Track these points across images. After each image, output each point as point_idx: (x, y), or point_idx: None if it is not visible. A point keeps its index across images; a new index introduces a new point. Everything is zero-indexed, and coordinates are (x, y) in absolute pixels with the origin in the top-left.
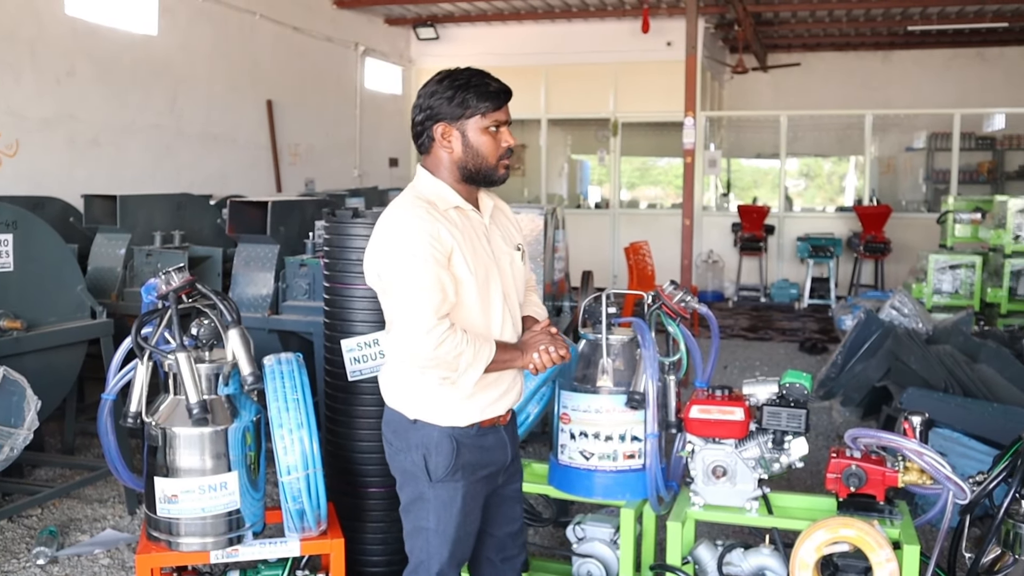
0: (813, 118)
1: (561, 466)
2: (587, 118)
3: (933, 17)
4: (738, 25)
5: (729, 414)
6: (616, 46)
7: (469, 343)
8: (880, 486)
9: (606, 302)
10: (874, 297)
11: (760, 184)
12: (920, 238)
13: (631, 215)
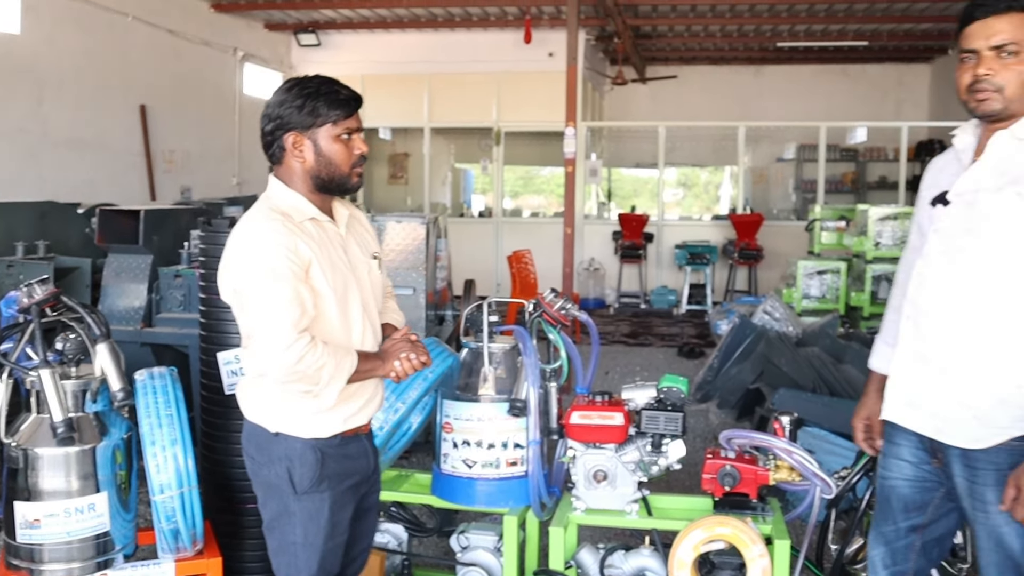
0: (690, 129)
1: (444, 475)
2: (470, 127)
3: (801, 35)
4: (618, 38)
5: (609, 419)
6: (499, 56)
7: (330, 356)
8: (753, 485)
9: (487, 310)
10: (748, 302)
11: (640, 193)
12: (790, 245)
13: (514, 224)
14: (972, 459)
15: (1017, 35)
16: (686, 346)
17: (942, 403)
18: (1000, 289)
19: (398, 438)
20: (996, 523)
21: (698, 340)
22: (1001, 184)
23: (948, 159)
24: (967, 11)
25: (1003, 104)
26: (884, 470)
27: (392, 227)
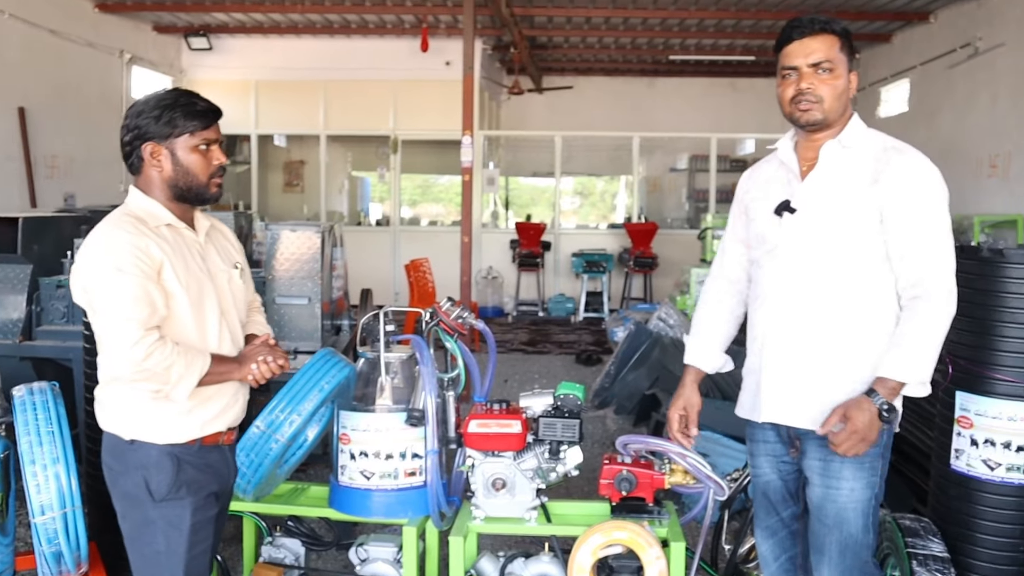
0: (586, 139)
1: (342, 487)
2: (367, 135)
3: (691, 48)
4: (514, 48)
5: (507, 427)
6: (396, 64)
7: (180, 355)
8: (649, 488)
9: (384, 320)
10: (643, 310)
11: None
12: (683, 253)
13: (412, 232)
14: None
15: (831, 54)
16: (583, 353)
17: (803, 392)
18: (851, 284)
19: (294, 451)
20: (846, 501)
21: (595, 347)
22: (843, 188)
23: (773, 169)
24: (786, 32)
25: (823, 114)
26: (755, 469)
27: (287, 236)
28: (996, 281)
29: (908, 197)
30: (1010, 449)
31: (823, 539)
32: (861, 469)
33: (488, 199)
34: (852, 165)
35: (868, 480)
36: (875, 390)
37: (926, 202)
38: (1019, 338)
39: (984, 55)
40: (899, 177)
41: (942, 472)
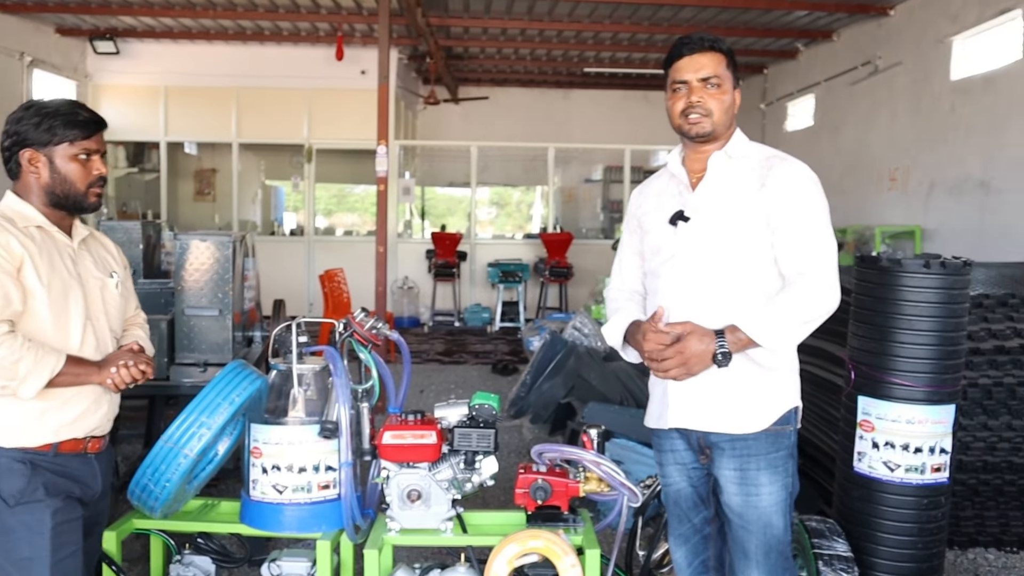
0: (502, 149)
1: (253, 502)
2: (281, 143)
3: (605, 61)
4: (430, 58)
5: (422, 438)
6: (310, 72)
7: (30, 350)
8: (564, 497)
9: (297, 331)
10: (558, 319)
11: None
12: (598, 263)
13: (327, 242)
14: (743, 448)
15: (718, 70)
16: (500, 363)
17: (719, 398)
18: (748, 283)
19: (203, 465)
20: (767, 505)
21: (511, 357)
22: (732, 195)
23: (664, 183)
24: (676, 48)
25: (712, 127)
26: (665, 478)
27: (196, 245)
28: (894, 289)
29: (791, 200)
30: (908, 451)
31: (747, 544)
32: (775, 472)
33: (404, 209)
34: (738, 174)
35: (783, 481)
36: (723, 333)
37: (808, 205)
38: (916, 344)
39: (884, 73)
40: (782, 183)
41: (845, 474)
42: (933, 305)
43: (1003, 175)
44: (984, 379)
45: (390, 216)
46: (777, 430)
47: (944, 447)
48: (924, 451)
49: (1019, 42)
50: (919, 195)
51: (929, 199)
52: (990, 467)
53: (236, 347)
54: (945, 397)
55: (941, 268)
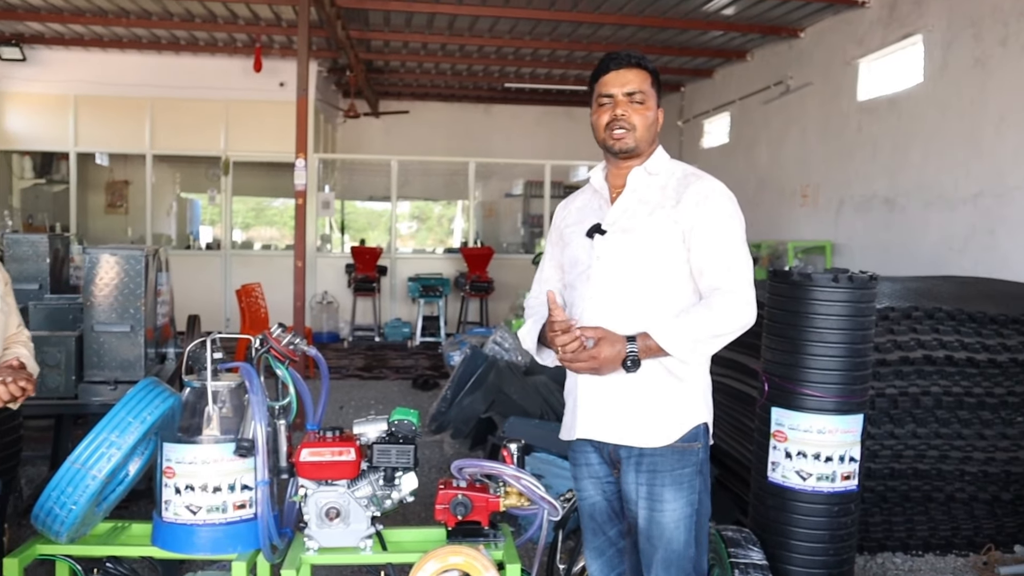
0: (422, 163)
1: (166, 524)
2: (197, 155)
3: (526, 77)
4: (350, 71)
5: (340, 455)
6: (228, 83)
7: None
8: (484, 512)
9: (212, 347)
10: (479, 333)
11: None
12: (519, 277)
13: (244, 256)
14: (650, 463)
15: (643, 86)
16: (420, 378)
17: (628, 411)
18: (662, 297)
19: (113, 487)
20: (670, 521)
21: (432, 372)
22: (649, 210)
23: (586, 197)
24: (603, 63)
25: (635, 142)
26: (580, 491)
27: (106, 260)
28: (805, 303)
29: (706, 217)
30: (820, 460)
31: (650, 557)
32: (680, 489)
33: (323, 223)
34: (657, 190)
35: (688, 498)
36: (635, 339)
37: (723, 222)
38: (826, 356)
39: (795, 92)
40: (697, 199)
41: (760, 484)
42: (842, 318)
43: (907, 193)
44: (891, 389)
45: (309, 230)
46: (684, 447)
47: (853, 455)
48: (834, 460)
49: (920, 65)
50: (829, 211)
51: (839, 215)
52: (897, 474)
53: (148, 364)
54: (854, 407)
55: (849, 282)
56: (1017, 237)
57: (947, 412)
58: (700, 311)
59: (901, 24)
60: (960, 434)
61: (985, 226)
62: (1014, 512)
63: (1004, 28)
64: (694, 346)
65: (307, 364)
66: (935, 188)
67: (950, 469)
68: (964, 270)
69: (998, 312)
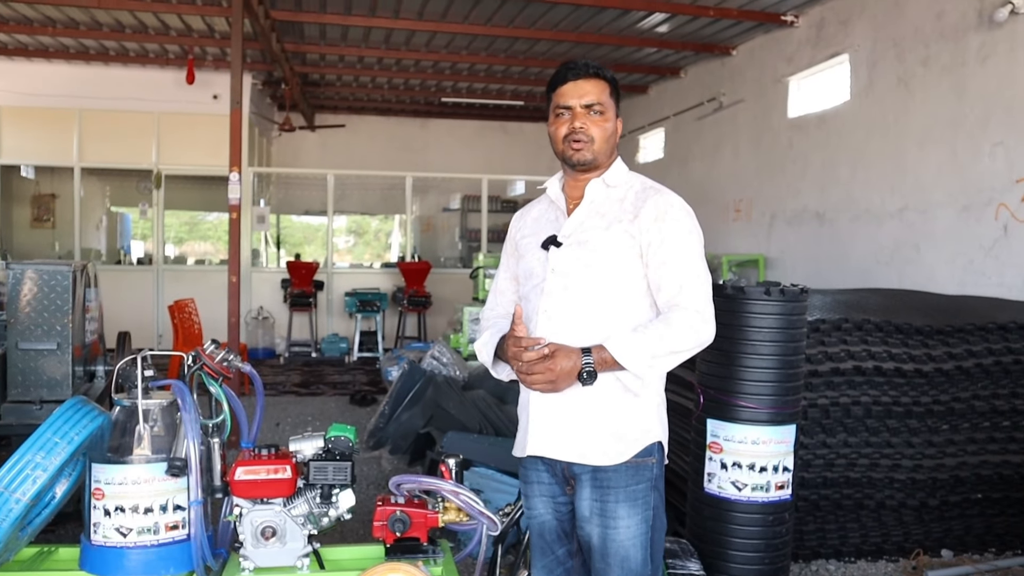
0: (359, 177)
1: (95, 547)
2: (128, 168)
3: (463, 91)
4: (285, 84)
5: (276, 473)
6: (159, 95)
7: None
8: (423, 528)
9: (143, 364)
10: (417, 348)
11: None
12: (457, 292)
13: (177, 271)
14: (603, 480)
15: (602, 97)
16: (358, 394)
17: (582, 428)
18: (618, 312)
19: (39, 510)
20: (624, 538)
21: (370, 387)
22: (606, 223)
23: (542, 209)
24: (561, 73)
25: (593, 155)
26: (530, 510)
27: (31, 275)
28: (738, 316)
29: (665, 233)
30: (754, 470)
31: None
32: (635, 506)
33: (258, 237)
34: (615, 202)
35: (643, 515)
36: (591, 352)
37: (682, 238)
38: (759, 367)
39: (728, 109)
40: (656, 214)
41: (697, 495)
42: (774, 330)
43: (836, 207)
44: (822, 399)
45: (244, 245)
46: (638, 462)
47: (787, 465)
48: (768, 470)
49: (847, 84)
50: (762, 225)
51: (771, 229)
52: (829, 482)
53: (76, 383)
54: (787, 417)
55: (781, 295)
56: (940, 251)
57: (876, 421)
58: (658, 326)
59: (828, 44)
60: (889, 442)
61: (910, 240)
62: (940, 517)
63: (925, 49)
64: (651, 361)
65: (242, 381)
66: (862, 203)
67: (880, 477)
68: (891, 282)
69: (923, 323)
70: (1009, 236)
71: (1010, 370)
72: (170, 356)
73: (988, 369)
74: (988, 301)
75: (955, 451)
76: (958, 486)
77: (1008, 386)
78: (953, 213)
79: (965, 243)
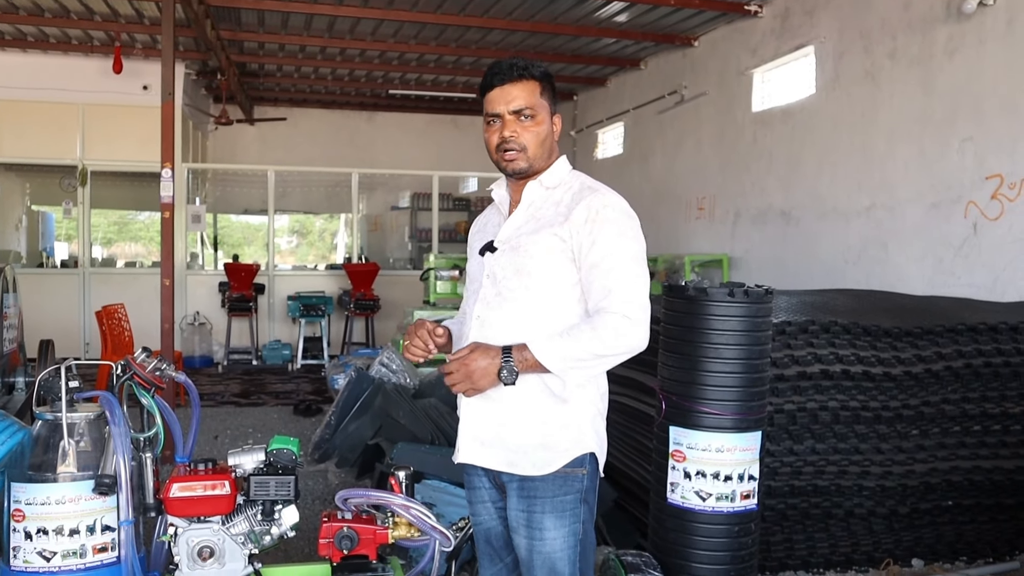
0: (302, 174)
1: (15, 574)
2: (50, 164)
3: (412, 83)
4: (222, 74)
5: (213, 489)
6: (84, 85)
7: None
8: (372, 545)
9: (67, 375)
10: (365, 355)
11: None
12: (407, 294)
13: (105, 275)
14: (530, 489)
15: (531, 100)
16: (302, 403)
17: (510, 436)
18: (549, 318)
19: None
20: (551, 550)
21: (315, 396)
22: (538, 227)
23: (491, 213)
24: (487, 78)
25: (528, 163)
26: (475, 517)
27: None
28: (700, 318)
29: (595, 235)
30: (719, 479)
31: None
32: (562, 517)
33: (194, 238)
34: (551, 205)
35: (571, 527)
36: (512, 350)
37: (612, 240)
38: (723, 372)
39: (690, 102)
40: (588, 215)
41: (659, 506)
42: (738, 333)
43: (801, 205)
44: (789, 405)
45: (178, 246)
46: (567, 472)
47: (752, 474)
48: (734, 479)
49: (812, 77)
50: (726, 224)
51: (735, 228)
52: (797, 491)
53: None
54: (752, 424)
55: (745, 296)
56: (908, 250)
57: (845, 427)
58: (583, 329)
59: (793, 35)
60: (858, 448)
61: (877, 239)
62: (911, 526)
63: (892, 41)
64: (574, 363)
65: (177, 391)
66: (829, 201)
67: (849, 484)
68: (858, 283)
69: (892, 325)
70: (979, 235)
71: (980, 373)
72: (98, 365)
73: (958, 372)
74: (958, 301)
75: (925, 457)
76: (928, 493)
77: (979, 389)
78: (922, 211)
79: (934, 242)
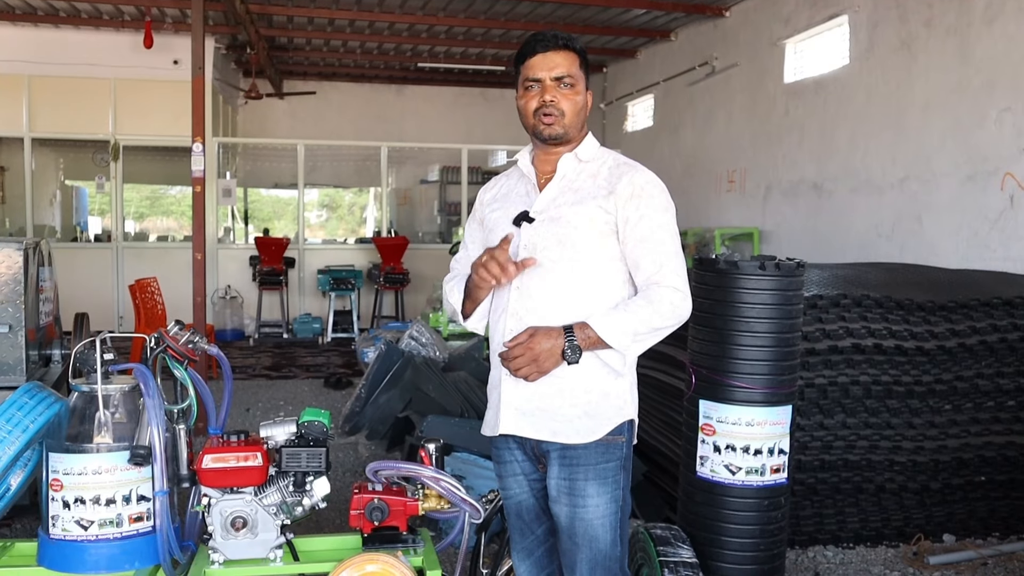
0: (331, 148)
1: (54, 541)
2: (83, 139)
3: (440, 56)
4: (251, 48)
5: (246, 460)
6: (115, 60)
7: None
8: (402, 516)
9: (102, 347)
10: (395, 328)
11: (281, 215)
12: (436, 268)
13: (138, 249)
14: (573, 457)
15: (572, 69)
16: (332, 376)
17: (554, 406)
18: (593, 289)
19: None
20: (593, 517)
21: (345, 369)
22: (579, 199)
23: (512, 182)
24: (529, 45)
25: (564, 129)
26: (505, 490)
27: None
28: (731, 292)
29: (642, 210)
30: (749, 453)
31: (574, 557)
32: (604, 484)
33: (225, 212)
34: (587, 178)
35: (612, 494)
36: (573, 329)
37: (659, 216)
38: (753, 346)
39: (720, 74)
40: (633, 191)
41: (689, 479)
42: (769, 307)
43: (834, 177)
44: (820, 379)
45: (209, 220)
46: (609, 440)
47: (783, 448)
48: (764, 453)
49: (846, 47)
50: (756, 197)
51: (766, 201)
52: (827, 466)
53: (31, 368)
54: (783, 398)
55: (776, 270)
56: (943, 223)
57: (876, 401)
58: (640, 303)
59: (826, 4)
60: (889, 423)
61: (911, 212)
62: (943, 501)
63: (928, 9)
64: (635, 337)
65: (209, 364)
66: (862, 173)
67: (880, 459)
68: (891, 256)
69: (925, 299)
70: (1016, 207)
71: (1016, 347)
72: (132, 338)
73: (993, 346)
74: (993, 275)
75: (958, 432)
76: (961, 468)
77: (1013, 364)
78: (957, 183)
79: (969, 215)
